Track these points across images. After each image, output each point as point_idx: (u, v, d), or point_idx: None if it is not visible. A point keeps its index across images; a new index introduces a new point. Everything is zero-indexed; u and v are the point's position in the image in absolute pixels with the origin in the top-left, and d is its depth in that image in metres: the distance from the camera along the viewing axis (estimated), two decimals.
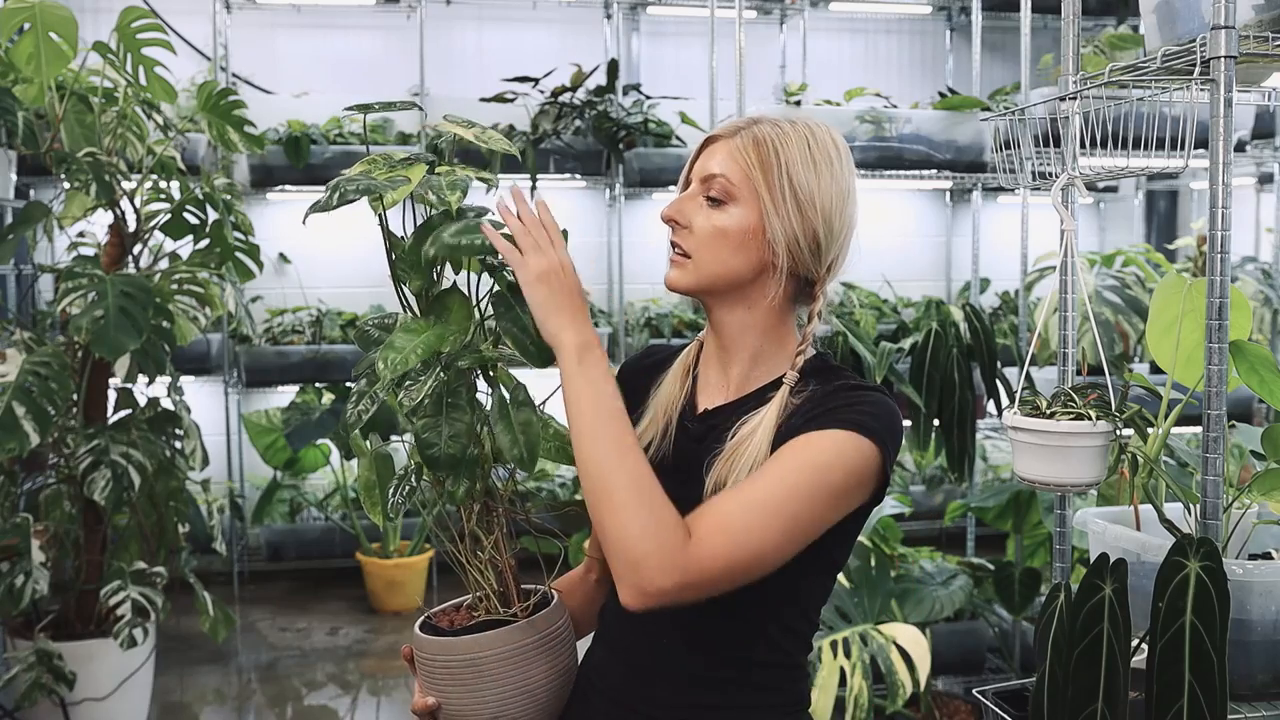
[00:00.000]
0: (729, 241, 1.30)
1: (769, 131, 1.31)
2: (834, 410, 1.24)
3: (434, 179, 1.24)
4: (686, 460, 1.33)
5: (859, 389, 1.28)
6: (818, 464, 1.21)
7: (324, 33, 5.20)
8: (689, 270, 1.32)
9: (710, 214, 1.30)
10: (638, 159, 4.92)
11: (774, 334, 1.36)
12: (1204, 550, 1.35)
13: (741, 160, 1.30)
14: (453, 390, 1.25)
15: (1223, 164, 1.44)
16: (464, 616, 1.33)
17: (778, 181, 1.29)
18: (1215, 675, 1.32)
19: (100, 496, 3.08)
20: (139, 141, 3.33)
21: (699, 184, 1.32)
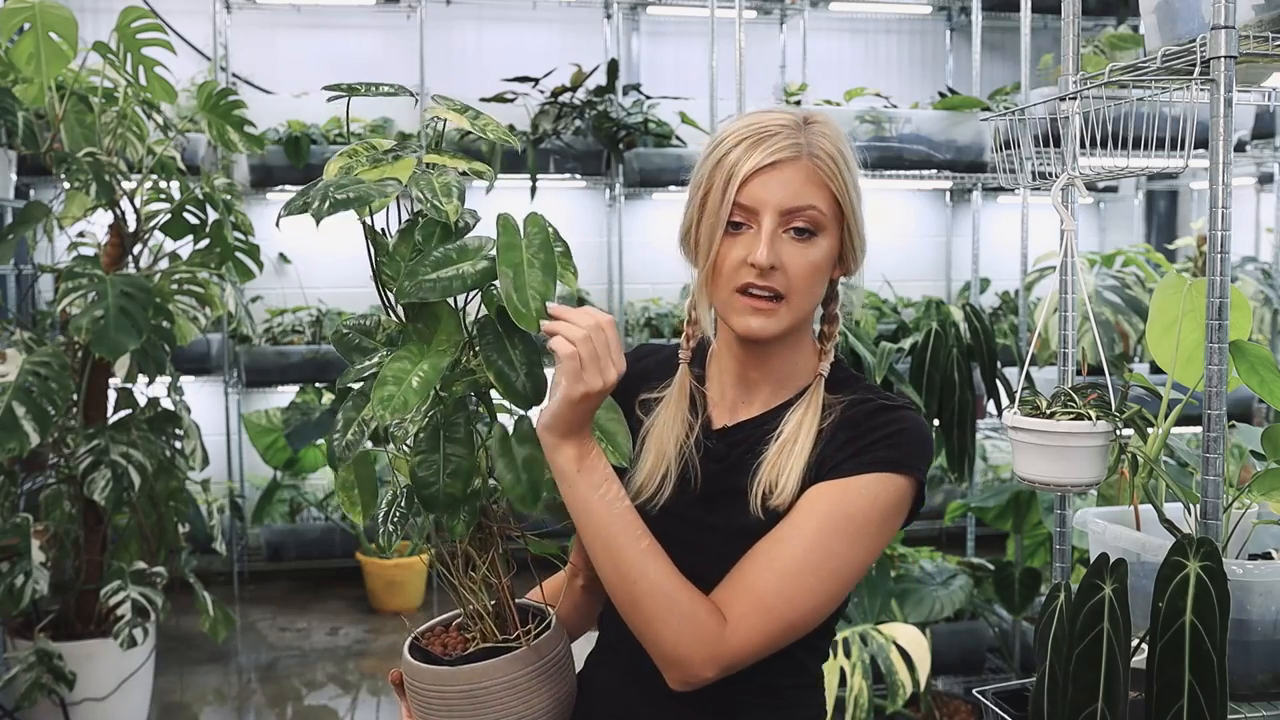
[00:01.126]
0: (820, 275, 1.22)
1: (832, 140, 1.22)
2: (868, 448, 1.19)
3: (425, 177, 1.13)
4: (715, 485, 1.26)
5: (890, 410, 1.22)
6: (853, 514, 1.17)
7: (324, 33, 5.20)
8: (783, 315, 1.21)
9: (803, 250, 1.20)
10: (638, 159, 4.92)
11: (806, 346, 1.29)
12: (1204, 550, 1.35)
13: (832, 184, 1.20)
14: (449, 422, 1.15)
15: (1223, 164, 1.44)
16: (456, 639, 1.25)
17: (854, 196, 1.23)
18: (1215, 675, 1.31)
19: (100, 496, 3.08)
20: (139, 141, 3.33)
21: (779, 216, 1.19)
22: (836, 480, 1.18)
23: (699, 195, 1.25)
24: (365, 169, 1.13)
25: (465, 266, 1.11)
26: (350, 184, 1.09)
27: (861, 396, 1.25)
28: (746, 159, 1.20)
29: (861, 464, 1.18)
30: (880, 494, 1.18)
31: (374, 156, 1.15)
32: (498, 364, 1.12)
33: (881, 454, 1.18)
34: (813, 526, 1.16)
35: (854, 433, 1.21)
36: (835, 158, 1.21)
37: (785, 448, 1.22)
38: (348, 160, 1.14)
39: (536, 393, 1.12)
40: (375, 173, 1.12)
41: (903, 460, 1.19)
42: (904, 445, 1.20)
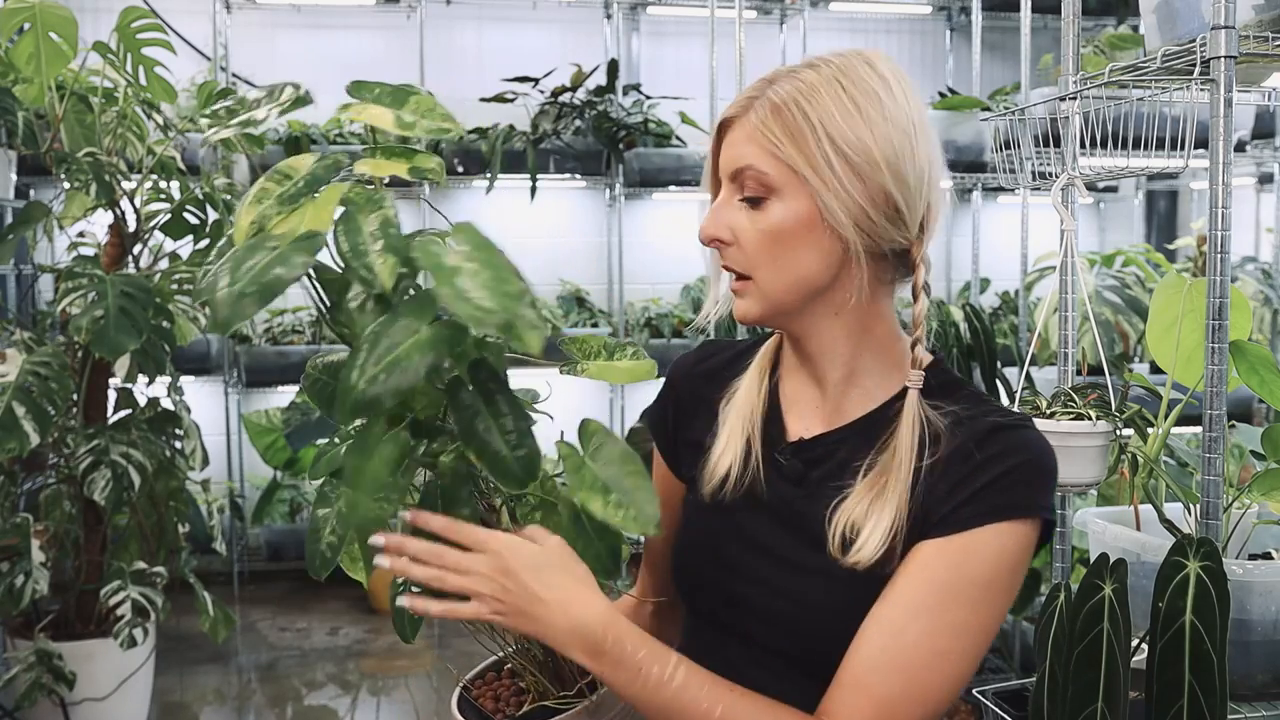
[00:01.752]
0: (787, 243, 1.02)
1: (787, 90, 1.02)
2: (986, 492, 0.98)
3: (349, 223, 0.90)
4: (785, 505, 1.08)
5: (1005, 433, 1.01)
6: (976, 577, 0.98)
7: (324, 33, 5.19)
8: (754, 295, 1.05)
9: (753, 217, 1.03)
10: (638, 159, 4.92)
11: (870, 336, 1.08)
12: (1204, 550, 1.35)
13: (766, 139, 1.01)
14: (450, 496, 0.97)
15: (1223, 164, 1.44)
16: (508, 690, 1.09)
17: (817, 149, 1.00)
18: (1215, 675, 1.31)
19: (100, 496, 3.08)
20: (139, 141, 3.33)
21: (729, 184, 1.05)
22: (952, 537, 0.98)
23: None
24: (277, 216, 0.92)
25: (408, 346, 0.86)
26: (250, 269, 0.86)
27: (968, 412, 1.04)
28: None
29: (980, 513, 0.98)
30: (1006, 546, 0.98)
31: (288, 194, 0.93)
32: (480, 436, 0.91)
33: (1003, 498, 0.99)
34: (932, 602, 0.97)
35: (966, 469, 1.00)
36: (782, 108, 1.01)
37: (874, 487, 1.02)
38: (257, 209, 0.92)
39: (529, 470, 0.91)
40: (292, 220, 0.91)
41: (1029, 502, 0.99)
42: (1028, 482, 1.00)
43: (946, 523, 0.99)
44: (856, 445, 1.06)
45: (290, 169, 0.97)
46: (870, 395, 1.08)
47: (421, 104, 1.03)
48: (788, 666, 1.04)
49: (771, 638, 1.06)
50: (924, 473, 1.01)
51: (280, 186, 0.95)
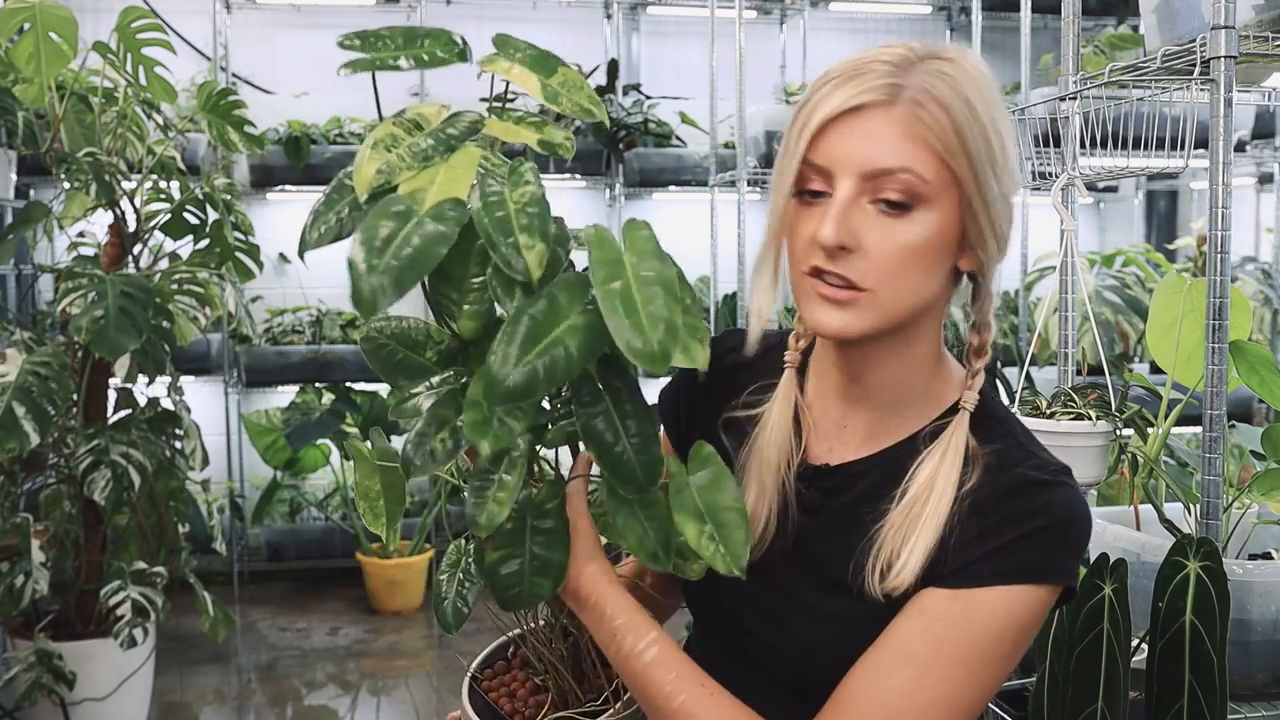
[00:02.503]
0: (921, 261, 0.91)
1: (949, 86, 0.89)
2: (1008, 549, 0.91)
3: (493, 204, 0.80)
4: (812, 546, 1.00)
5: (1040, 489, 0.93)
6: (979, 637, 0.90)
7: (324, 33, 5.19)
8: (866, 310, 0.91)
9: (892, 227, 0.89)
10: (638, 159, 4.92)
11: (928, 364, 1.00)
12: (1204, 550, 1.35)
13: (933, 138, 0.88)
14: (540, 509, 0.89)
15: (1223, 164, 1.44)
16: (525, 689, 1.03)
17: (983, 158, 0.90)
18: (1215, 675, 1.31)
19: (100, 496, 3.08)
20: (139, 141, 3.33)
21: (859, 181, 0.89)
22: (960, 591, 0.91)
23: (780, 153, 0.96)
24: (409, 172, 0.82)
25: (563, 333, 0.78)
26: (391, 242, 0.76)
27: (1006, 455, 0.95)
28: (824, 102, 0.90)
29: (995, 572, 0.90)
30: (1015, 610, 0.91)
31: (420, 149, 0.83)
32: (600, 433, 0.84)
33: (1021, 560, 0.91)
34: (926, 653, 0.90)
35: (989, 522, 0.92)
36: (949, 105, 0.88)
37: (912, 510, 0.94)
38: (383, 157, 0.82)
39: (650, 475, 0.84)
40: (422, 178, 0.81)
41: (1049, 567, 0.91)
42: (1051, 546, 0.91)
43: (959, 575, 0.91)
44: (883, 476, 0.98)
45: (422, 117, 0.87)
46: (907, 423, 1.00)
47: (569, 78, 0.92)
48: (789, 695, 0.99)
49: (775, 668, 1.01)
50: (957, 504, 0.93)
51: (409, 136, 0.84)
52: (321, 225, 0.83)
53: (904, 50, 0.91)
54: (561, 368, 0.77)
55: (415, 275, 0.74)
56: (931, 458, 0.96)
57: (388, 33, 0.90)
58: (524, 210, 0.80)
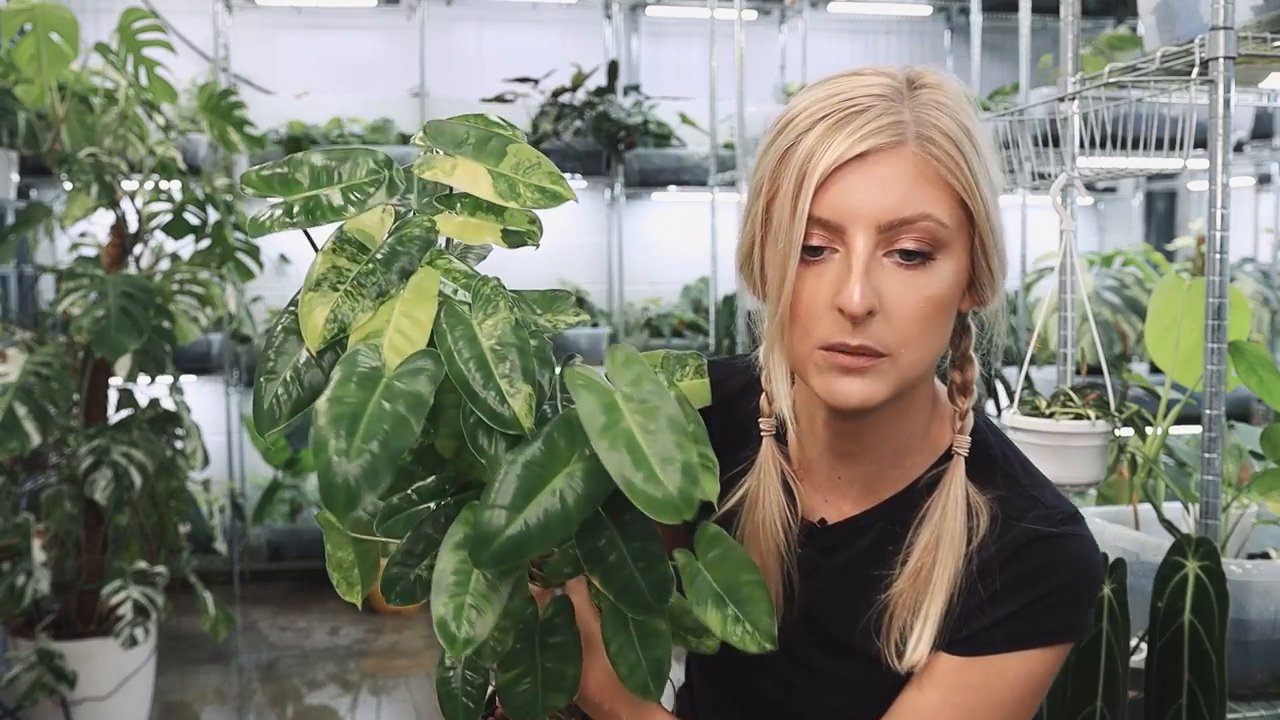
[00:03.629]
0: (941, 313, 0.85)
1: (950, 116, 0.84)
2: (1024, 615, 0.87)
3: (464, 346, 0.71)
4: (817, 610, 0.95)
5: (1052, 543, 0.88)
6: (997, 701, 0.88)
7: (324, 33, 5.20)
8: (887, 375, 0.84)
9: (914, 282, 0.82)
10: (638, 159, 4.93)
11: (926, 409, 0.93)
12: (1203, 550, 1.35)
13: (952, 177, 0.83)
14: (548, 624, 0.83)
15: (1221, 165, 1.45)
16: None
17: (989, 189, 0.85)
18: (1214, 675, 1.32)
19: (101, 496, 3.09)
20: (140, 142, 3.33)
21: (875, 234, 0.81)
22: (975, 659, 0.87)
23: (759, 206, 0.87)
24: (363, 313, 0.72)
25: (560, 482, 0.71)
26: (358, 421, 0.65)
27: (1009, 503, 0.90)
28: (823, 150, 0.82)
29: (1010, 638, 0.87)
30: (1035, 672, 0.88)
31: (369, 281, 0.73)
32: (604, 557, 0.76)
33: (1037, 624, 0.87)
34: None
35: (998, 585, 0.88)
36: (957, 137, 0.83)
37: (919, 577, 0.89)
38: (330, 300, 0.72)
39: (660, 594, 0.78)
40: (380, 317, 0.72)
41: (1066, 628, 0.88)
42: (1065, 605, 0.88)
43: (972, 642, 0.88)
44: (883, 532, 0.92)
45: (363, 234, 0.75)
46: (907, 472, 0.93)
47: (521, 157, 0.78)
48: None
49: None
50: (964, 563, 0.88)
51: (354, 263, 0.74)
52: (276, 390, 0.73)
53: (887, 79, 0.85)
54: (558, 527, 0.69)
55: (391, 457, 0.65)
56: (932, 516, 0.90)
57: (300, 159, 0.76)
58: (500, 347, 0.71)
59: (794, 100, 0.87)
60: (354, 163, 0.76)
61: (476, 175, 0.76)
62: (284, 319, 0.75)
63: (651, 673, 0.82)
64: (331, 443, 0.64)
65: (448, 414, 0.76)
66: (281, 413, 0.73)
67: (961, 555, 0.88)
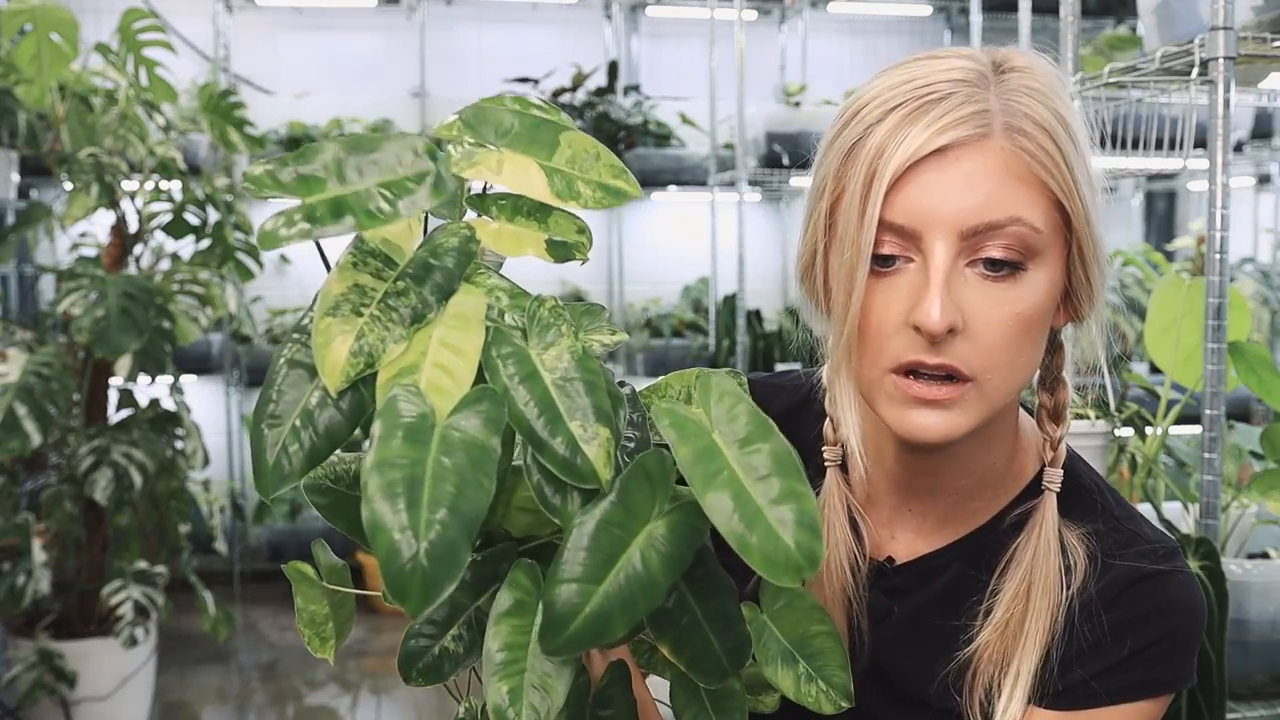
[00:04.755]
0: (1033, 331, 0.74)
1: (1044, 104, 0.72)
2: (1127, 665, 0.78)
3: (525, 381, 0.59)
4: (887, 661, 0.84)
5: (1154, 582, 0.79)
6: None
7: (324, 33, 5.20)
8: (971, 405, 0.73)
9: (1002, 296, 0.71)
10: (638, 160, 4.93)
11: (1009, 440, 0.82)
12: (1202, 550, 1.36)
13: (1047, 175, 0.72)
14: (602, 696, 0.69)
15: (1221, 165, 1.45)
16: None
17: (1088, 188, 0.74)
18: (1213, 674, 1.32)
19: (101, 496, 3.09)
20: (140, 142, 3.33)
21: (957, 241, 0.71)
22: (1076, 714, 0.78)
23: (822, 208, 0.76)
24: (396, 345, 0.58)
25: (643, 543, 0.59)
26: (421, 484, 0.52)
27: (1107, 538, 0.80)
28: (896, 144, 0.71)
29: (1114, 690, 0.78)
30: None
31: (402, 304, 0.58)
32: (674, 621, 0.64)
33: (1143, 675, 0.78)
34: None
35: (1102, 630, 0.78)
36: (1052, 128, 0.72)
37: (1008, 629, 0.78)
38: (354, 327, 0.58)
39: (737, 660, 0.67)
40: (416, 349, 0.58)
41: (1176, 677, 0.79)
42: (1178, 653, 0.79)
43: (1071, 696, 0.78)
44: (961, 572, 0.82)
45: (389, 246, 0.60)
46: (986, 506, 0.83)
47: (578, 148, 0.65)
48: None
49: None
50: (1061, 610, 0.79)
51: (380, 281, 0.59)
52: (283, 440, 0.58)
53: (970, 62, 0.73)
54: (643, 598, 0.57)
55: (468, 527, 0.52)
56: (1021, 560, 0.79)
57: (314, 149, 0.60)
58: (567, 384, 0.58)
59: (863, 87, 0.76)
60: (390, 153, 0.59)
61: (529, 172, 0.64)
62: (286, 350, 0.61)
63: None
64: (390, 518, 0.51)
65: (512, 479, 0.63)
66: (293, 467, 0.58)
67: (1057, 603, 0.78)
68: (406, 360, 0.58)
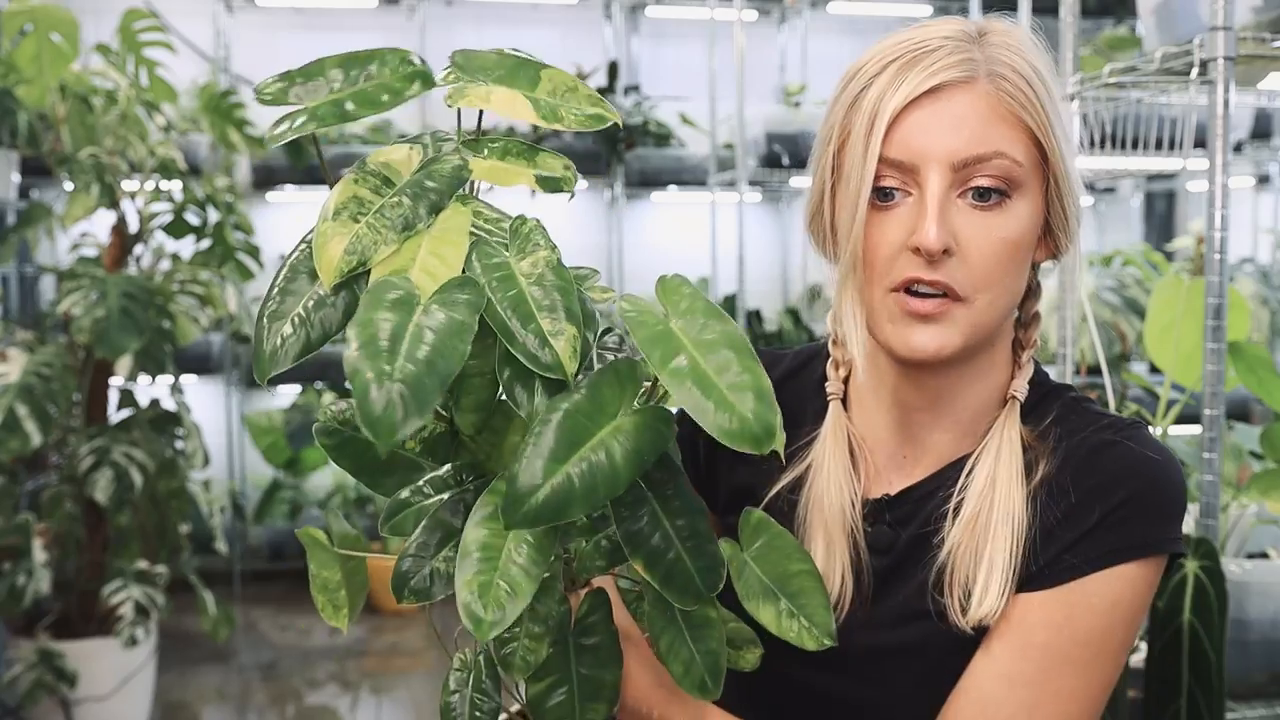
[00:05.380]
0: (1018, 256, 0.82)
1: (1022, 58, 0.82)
2: (1096, 532, 0.81)
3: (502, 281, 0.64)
4: (889, 588, 0.88)
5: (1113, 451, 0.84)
6: (1084, 636, 0.81)
7: (325, 34, 5.20)
8: (960, 322, 0.81)
9: (989, 222, 0.80)
10: (638, 160, 4.93)
11: (994, 366, 0.88)
12: (1202, 550, 1.36)
13: (1027, 115, 0.81)
14: (583, 625, 0.73)
15: (1221, 165, 1.45)
16: None
17: (1063, 131, 0.83)
18: (1213, 675, 1.32)
19: (102, 496, 3.09)
20: (140, 142, 3.33)
21: (949, 173, 0.79)
22: (1055, 590, 0.81)
23: (829, 154, 0.84)
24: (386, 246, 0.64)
25: (607, 436, 0.63)
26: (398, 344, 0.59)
27: (1068, 422, 0.86)
28: (894, 88, 0.81)
29: (1090, 558, 0.81)
30: (1121, 595, 0.81)
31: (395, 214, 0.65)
32: (647, 540, 0.67)
33: (1115, 538, 0.81)
34: (1031, 671, 0.80)
35: (1067, 506, 0.82)
36: (1029, 76, 0.81)
37: (976, 524, 0.83)
38: (350, 231, 0.64)
39: (711, 580, 0.70)
40: (406, 253, 0.64)
41: (1148, 539, 0.81)
42: (1151, 512, 0.82)
43: (1047, 573, 0.82)
44: (948, 487, 0.87)
45: (389, 167, 0.67)
46: (973, 430, 0.89)
47: (557, 81, 0.72)
48: None
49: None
50: (1030, 497, 0.83)
51: (377, 195, 0.66)
52: (280, 335, 0.64)
53: (957, 25, 0.84)
54: (604, 484, 0.62)
55: (439, 381, 0.58)
56: (985, 459, 0.85)
57: (318, 67, 0.68)
58: (541, 284, 0.64)
59: (863, 54, 0.88)
60: (380, 61, 0.68)
61: (515, 101, 0.69)
62: (294, 254, 0.68)
63: (708, 667, 0.73)
64: (368, 365, 0.57)
65: (470, 383, 0.68)
66: (287, 355, 0.64)
67: (1022, 495, 0.83)
68: (397, 263, 0.64)
